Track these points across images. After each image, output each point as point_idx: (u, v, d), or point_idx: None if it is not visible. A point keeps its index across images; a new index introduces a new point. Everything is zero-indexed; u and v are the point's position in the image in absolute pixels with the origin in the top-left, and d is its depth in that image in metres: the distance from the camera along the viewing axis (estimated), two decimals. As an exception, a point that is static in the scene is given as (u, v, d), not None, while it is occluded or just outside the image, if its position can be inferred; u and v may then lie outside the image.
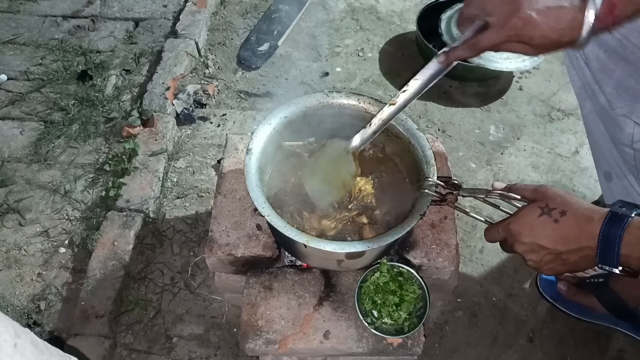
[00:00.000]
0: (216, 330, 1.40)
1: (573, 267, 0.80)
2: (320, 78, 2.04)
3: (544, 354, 1.38)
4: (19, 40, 2.11)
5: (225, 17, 2.27)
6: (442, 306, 1.44)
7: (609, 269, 0.75)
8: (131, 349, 1.36)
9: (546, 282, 1.44)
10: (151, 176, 1.65)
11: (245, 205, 1.22)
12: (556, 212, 0.79)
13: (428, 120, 1.90)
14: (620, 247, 0.72)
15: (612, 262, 0.74)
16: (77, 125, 1.82)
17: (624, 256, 0.72)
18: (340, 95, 1.15)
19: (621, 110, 0.99)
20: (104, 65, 2.00)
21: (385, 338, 1.07)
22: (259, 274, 1.16)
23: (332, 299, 1.13)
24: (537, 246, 0.80)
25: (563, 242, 0.78)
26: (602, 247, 0.74)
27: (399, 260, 1.16)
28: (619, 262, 0.73)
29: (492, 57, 1.87)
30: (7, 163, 1.73)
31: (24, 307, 1.44)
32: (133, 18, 2.21)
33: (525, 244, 0.81)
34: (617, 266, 0.74)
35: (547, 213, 0.79)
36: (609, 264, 0.74)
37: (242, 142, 1.34)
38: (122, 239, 1.50)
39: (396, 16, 2.29)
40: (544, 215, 0.79)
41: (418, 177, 1.07)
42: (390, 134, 1.15)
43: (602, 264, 0.75)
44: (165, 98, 1.85)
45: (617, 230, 0.72)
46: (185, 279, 1.48)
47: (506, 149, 1.83)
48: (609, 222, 0.74)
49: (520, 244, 0.82)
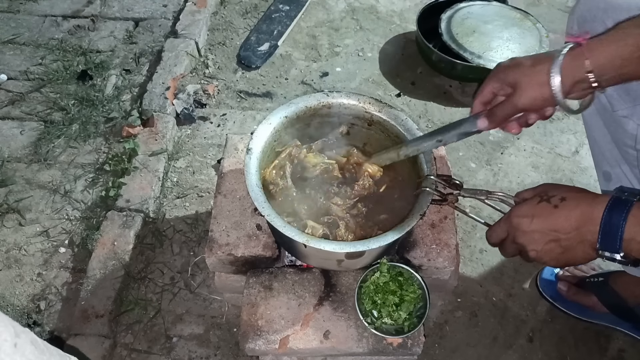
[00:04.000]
0: (216, 330, 1.40)
1: (572, 257, 0.79)
2: (320, 78, 2.04)
3: (544, 354, 1.38)
4: (19, 40, 2.11)
5: (225, 17, 2.27)
6: (442, 306, 1.44)
7: (610, 254, 0.73)
8: (131, 348, 1.36)
9: (546, 282, 1.45)
10: (151, 176, 1.65)
11: (245, 205, 1.22)
12: (556, 199, 0.78)
13: (428, 120, 1.90)
14: (623, 231, 0.70)
15: (613, 247, 0.72)
16: (77, 125, 1.82)
17: (626, 241, 0.71)
18: (340, 95, 1.15)
19: (622, 112, 0.99)
20: (104, 65, 2.00)
21: (385, 338, 1.07)
22: (259, 273, 1.16)
23: (332, 298, 1.13)
24: (538, 233, 0.79)
25: (563, 227, 0.76)
26: (604, 231, 0.72)
27: (399, 260, 1.16)
28: (620, 247, 0.71)
29: (491, 57, 1.87)
30: (7, 163, 1.73)
31: (24, 307, 1.44)
32: (133, 18, 2.21)
33: (526, 233, 0.80)
34: (619, 251, 0.72)
35: (546, 200, 0.78)
36: (610, 249, 0.72)
37: (242, 142, 1.34)
38: (122, 238, 1.50)
39: (396, 16, 2.29)
40: (543, 202, 0.78)
41: (418, 176, 1.07)
42: (390, 133, 1.15)
43: (603, 250, 0.73)
44: (165, 98, 1.85)
45: (620, 213, 0.71)
46: (185, 278, 1.48)
47: (506, 149, 1.83)
48: (612, 206, 0.72)
49: (520, 234, 0.81)
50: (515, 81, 0.82)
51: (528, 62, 0.82)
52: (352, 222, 1.09)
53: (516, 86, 0.82)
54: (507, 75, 0.84)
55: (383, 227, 1.07)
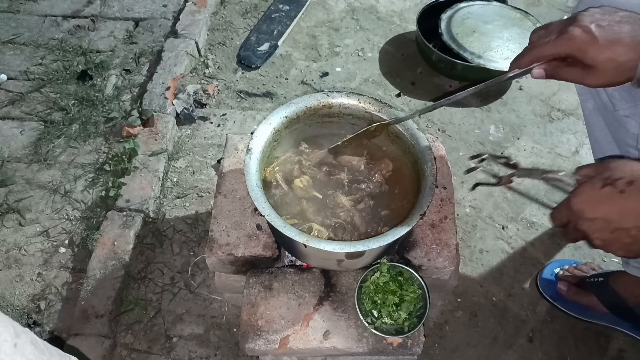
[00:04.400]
0: (216, 330, 1.40)
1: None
2: (320, 78, 2.04)
3: (544, 354, 1.38)
4: (19, 40, 2.11)
5: (225, 17, 2.27)
6: (442, 306, 1.44)
7: None
8: (131, 348, 1.36)
9: (546, 282, 1.45)
10: (151, 176, 1.65)
11: (245, 205, 1.22)
12: (622, 183, 0.69)
13: (428, 120, 1.90)
14: None
15: None
16: (77, 125, 1.82)
17: None
18: (340, 95, 1.15)
19: (624, 111, 0.99)
20: (104, 65, 2.00)
21: (385, 338, 1.07)
22: (259, 273, 1.16)
23: (332, 298, 1.13)
24: (602, 221, 0.71)
25: (630, 216, 0.69)
26: None
27: (399, 260, 1.16)
28: None
29: (491, 57, 1.87)
30: (7, 163, 1.73)
31: (24, 307, 1.44)
32: (133, 18, 2.21)
33: (590, 221, 0.72)
34: None
35: (611, 184, 0.70)
36: None
37: (242, 142, 1.34)
38: (122, 238, 1.50)
39: (396, 16, 2.29)
40: (607, 187, 0.70)
41: (418, 176, 1.07)
42: (390, 133, 1.15)
43: None
44: (165, 98, 1.85)
45: None
46: (185, 278, 1.48)
47: (506, 149, 1.83)
48: None
49: (583, 222, 0.73)
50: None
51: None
52: (358, 218, 1.08)
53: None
54: None
55: (387, 223, 1.07)
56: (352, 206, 1.10)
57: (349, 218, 1.08)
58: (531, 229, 1.61)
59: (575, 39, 0.71)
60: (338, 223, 1.08)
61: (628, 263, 1.20)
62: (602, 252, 1.55)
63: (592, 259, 1.53)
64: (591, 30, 0.70)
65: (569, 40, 0.72)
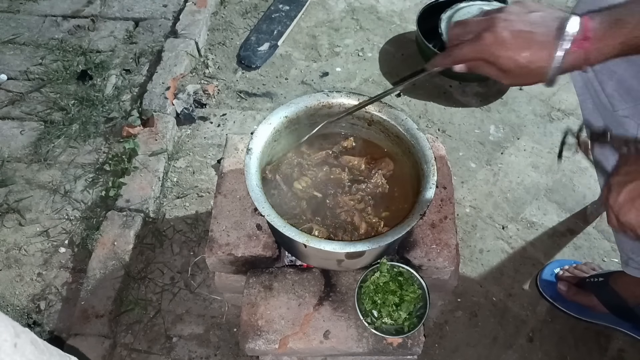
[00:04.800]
0: (216, 330, 1.40)
1: None
2: (320, 78, 2.04)
3: (544, 353, 1.38)
4: (19, 40, 2.11)
5: (225, 17, 2.27)
6: (442, 306, 1.45)
7: None
8: (131, 348, 1.36)
9: (546, 282, 1.45)
10: (151, 176, 1.65)
11: (245, 205, 1.22)
12: None
13: (428, 120, 1.90)
14: None
15: None
16: (77, 125, 1.82)
17: None
18: (340, 95, 1.15)
19: (623, 112, 0.99)
20: (104, 65, 2.00)
21: (385, 338, 1.07)
22: (259, 273, 1.16)
23: (332, 298, 1.13)
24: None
25: None
26: None
27: (399, 260, 1.16)
28: None
29: (492, 57, 1.87)
30: (7, 163, 1.73)
31: (24, 307, 1.44)
32: (133, 18, 2.21)
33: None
34: None
35: None
36: None
37: (242, 142, 1.34)
38: (122, 238, 1.50)
39: (396, 16, 2.29)
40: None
41: (418, 177, 1.07)
42: (390, 133, 1.15)
43: None
44: (165, 98, 1.85)
45: None
46: (185, 278, 1.48)
47: (506, 149, 1.83)
48: None
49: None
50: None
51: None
52: (358, 218, 1.08)
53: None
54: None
55: (387, 223, 1.08)
56: (352, 206, 1.10)
57: (349, 218, 1.08)
58: (531, 229, 1.61)
59: (488, 46, 0.73)
60: (338, 223, 1.08)
61: (627, 264, 1.20)
62: (602, 253, 1.55)
63: (592, 259, 1.53)
64: (503, 37, 0.72)
65: (482, 47, 0.74)
